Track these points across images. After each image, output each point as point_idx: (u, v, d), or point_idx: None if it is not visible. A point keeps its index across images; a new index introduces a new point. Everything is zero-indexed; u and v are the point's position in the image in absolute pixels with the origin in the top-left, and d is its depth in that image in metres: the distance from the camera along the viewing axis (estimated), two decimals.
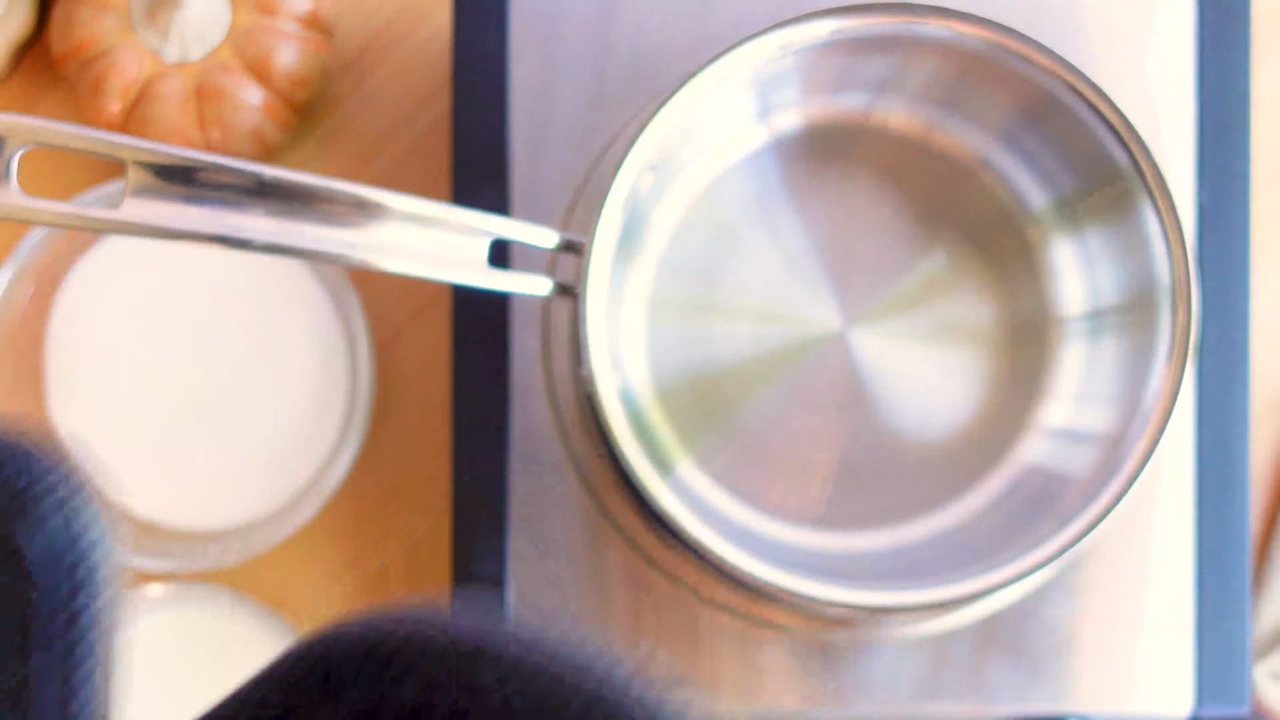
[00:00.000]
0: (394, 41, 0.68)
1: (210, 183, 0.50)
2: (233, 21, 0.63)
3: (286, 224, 0.50)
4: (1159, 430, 0.53)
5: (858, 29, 0.55)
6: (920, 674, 0.61)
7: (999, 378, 0.60)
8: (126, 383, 0.64)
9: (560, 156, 0.61)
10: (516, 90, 0.61)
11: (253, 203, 0.50)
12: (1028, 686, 0.61)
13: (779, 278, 0.60)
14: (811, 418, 0.60)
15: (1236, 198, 0.61)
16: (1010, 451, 0.60)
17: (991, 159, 0.59)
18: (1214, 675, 0.61)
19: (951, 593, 0.53)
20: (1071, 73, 0.54)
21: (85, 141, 0.49)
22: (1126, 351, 0.57)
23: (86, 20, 0.63)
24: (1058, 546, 0.53)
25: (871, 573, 0.56)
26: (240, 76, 0.63)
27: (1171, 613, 0.61)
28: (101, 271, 0.64)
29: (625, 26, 0.61)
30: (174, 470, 0.64)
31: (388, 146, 0.68)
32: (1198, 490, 0.61)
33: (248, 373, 0.64)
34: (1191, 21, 0.61)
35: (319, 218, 0.50)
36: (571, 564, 0.61)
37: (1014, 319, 0.58)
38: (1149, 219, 0.55)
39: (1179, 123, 0.61)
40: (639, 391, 0.59)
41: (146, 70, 0.63)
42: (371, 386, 0.63)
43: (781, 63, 0.56)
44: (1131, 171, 0.55)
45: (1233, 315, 0.61)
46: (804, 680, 0.61)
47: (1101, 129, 0.55)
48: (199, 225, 0.50)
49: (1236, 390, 0.61)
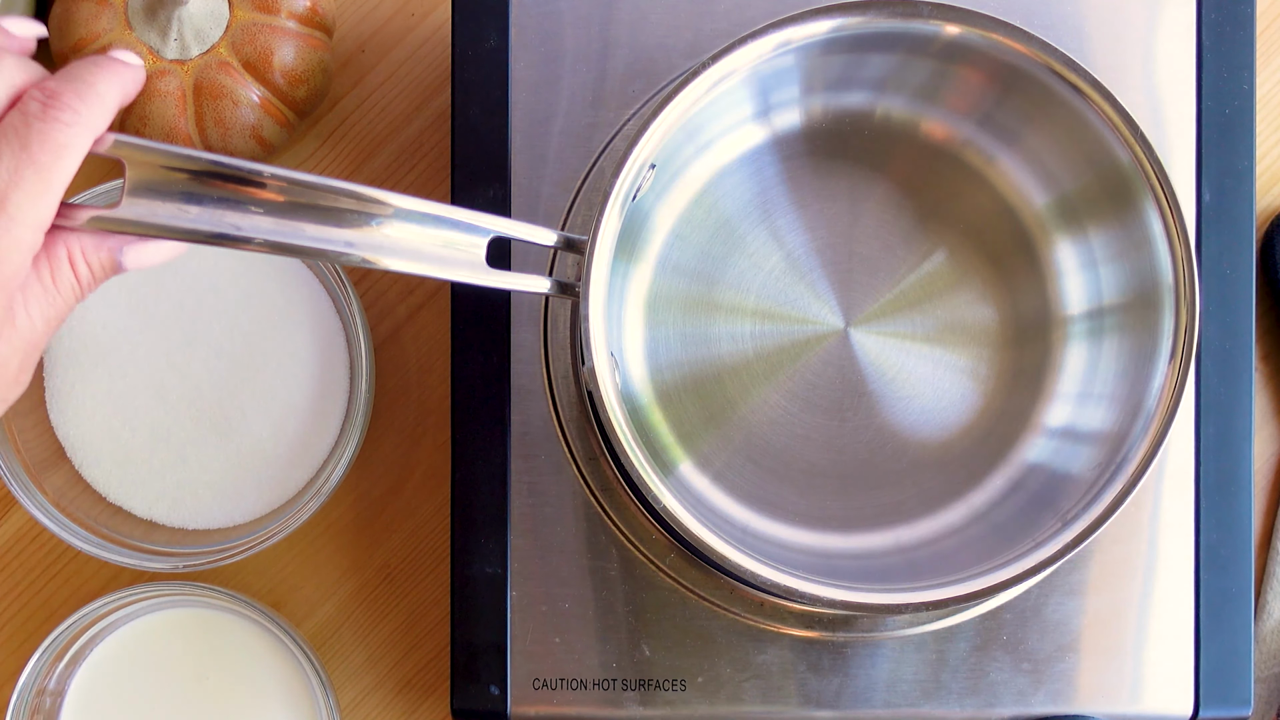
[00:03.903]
0: (393, 39, 0.68)
1: (209, 181, 0.50)
2: (231, 19, 0.63)
3: (286, 223, 0.50)
4: (1162, 430, 0.53)
5: (858, 27, 0.55)
6: (921, 674, 0.61)
7: (1001, 377, 0.60)
8: (126, 383, 0.64)
9: (560, 156, 0.61)
10: (516, 89, 0.61)
11: (252, 201, 0.50)
12: (1028, 686, 0.61)
13: (780, 277, 0.60)
14: (812, 417, 0.60)
15: (1239, 197, 0.61)
16: (1012, 451, 0.59)
17: (993, 157, 0.59)
18: (1215, 676, 0.61)
19: (952, 593, 0.53)
20: (1075, 71, 0.54)
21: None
22: (1128, 351, 0.57)
23: (85, 18, 0.63)
24: (1060, 546, 0.53)
25: (873, 573, 0.56)
26: (239, 74, 0.63)
27: (1172, 613, 0.61)
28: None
29: (625, 25, 0.61)
30: (174, 470, 0.64)
31: (387, 144, 0.68)
32: (1199, 490, 0.61)
33: (248, 373, 0.64)
34: (1193, 21, 0.61)
35: (318, 217, 0.50)
36: (571, 564, 0.61)
37: (1016, 318, 0.58)
38: (1151, 218, 0.55)
39: (1181, 122, 0.61)
40: (639, 391, 0.59)
41: (145, 68, 0.63)
42: (371, 386, 0.63)
43: (782, 61, 0.56)
44: (1134, 171, 0.55)
45: (1234, 314, 0.61)
46: (804, 680, 0.61)
47: (1104, 128, 0.55)
48: (198, 224, 0.50)
49: (1239, 389, 0.61)
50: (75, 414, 0.64)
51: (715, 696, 0.61)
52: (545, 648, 0.61)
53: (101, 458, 0.64)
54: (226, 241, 0.50)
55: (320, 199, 0.50)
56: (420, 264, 0.51)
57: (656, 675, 0.61)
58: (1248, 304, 0.61)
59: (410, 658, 0.67)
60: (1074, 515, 0.54)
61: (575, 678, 0.61)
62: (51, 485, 0.63)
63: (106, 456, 0.64)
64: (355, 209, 0.50)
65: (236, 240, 0.50)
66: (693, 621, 0.61)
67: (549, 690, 0.61)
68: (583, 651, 0.61)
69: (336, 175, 0.68)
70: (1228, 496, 0.61)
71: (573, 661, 0.61)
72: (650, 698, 0.61)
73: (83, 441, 0.64)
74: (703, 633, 0.61)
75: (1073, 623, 0.61)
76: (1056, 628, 0.61)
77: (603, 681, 0.61)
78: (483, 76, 0.61)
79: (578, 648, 0.61)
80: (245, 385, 0.64)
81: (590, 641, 0.61)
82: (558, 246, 0.54)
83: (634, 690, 0.61)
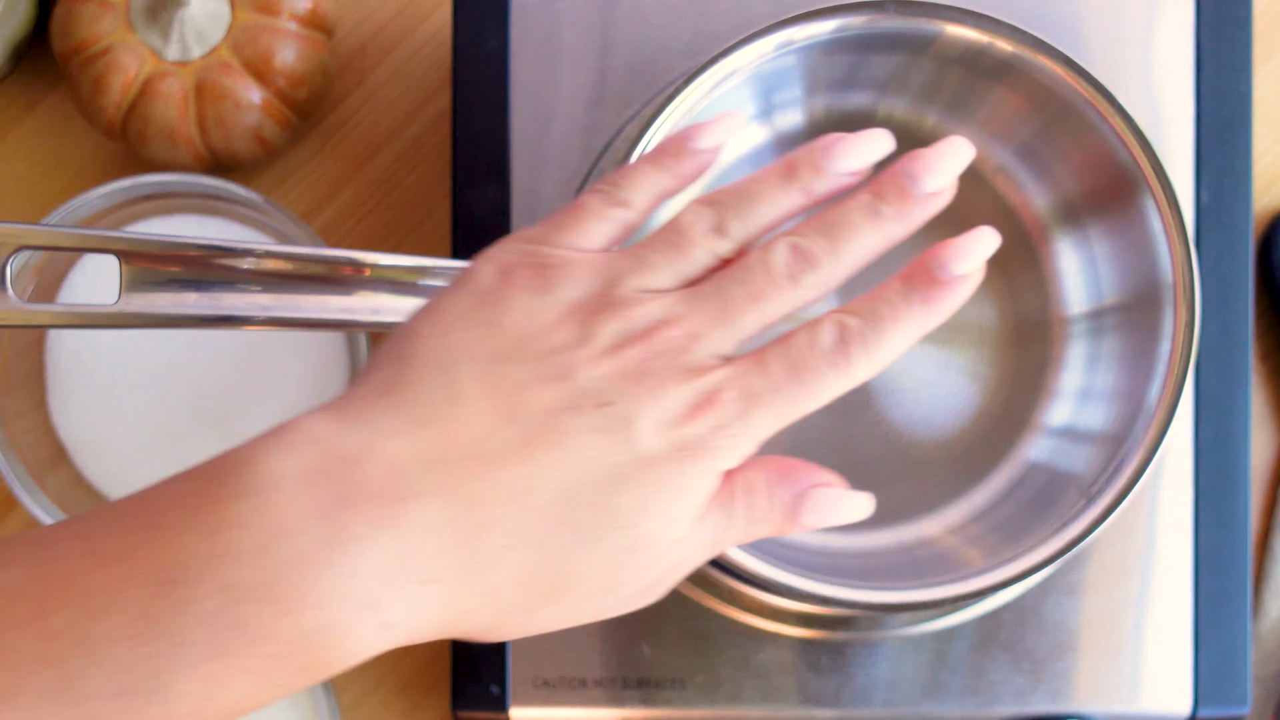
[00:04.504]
0: (394, 40, 0.68)
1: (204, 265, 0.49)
2: (233, 20, 0.63)
3: (284, 297, 0.50)
4: (1162, 429, 0.53)
5: (859, 27, 0.55)
6: (920, 673, 0.61)
7: (1002, 377, 0.60)
8: (126, 383, 0.64)
9: (560, 156, 0.61)
10: (517, 89, 0.61)
11: (248, 279, 0.49)
12: (1028, 686, 0.61)
13: None
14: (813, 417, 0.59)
15: (1237, 197, 0.61)
16: (1012, 450, 0.60)
17: (994, 158, 0.59)
18: (1213, 675, 0.61)
19: (952, 592, 0.53)
20: (1074, 72, 0.54)
21: (77, 239, 0.49)
22: (1128, 350, 0.57)
23: (87, 19, 0.63)
24: (1059, 546, 0.53)
25: (874, 571, 0.56)
26: (240, 75, 0.63)
27: (1171, 613, 0.61)
28: (102, 271, 0.64)
29: (626, 25, 0.61)
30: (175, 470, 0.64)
31: (388, 145, 0.68)
32: (1197, 490, 0.61)
33: (248, 373, 0.64)
34: (1191, 22, 0.61)
35: (314, 287, 0.50)
36: None
37: (1016, 318, 0.58)
38: (1151, 218, 0.55)
39: (1179, 123, 0.61)
40: None
41: (147, 69, 0.63)
42: None
43: (783, 61, 0.56)
44: (1134, 171, 0.55)
45: (1232, 315, 0.61)
46: (804, 680, 0.61)
47: (1105, 129, 0.55)
48: (199, 309, 0.49)
49: (1237, 389, 0.61)
50: (76, 414, 0.64)
51: (715, 696, 0.61)
52: (545, 647, 0.61)
53: (102, 458, 0.64)
54: (229, 323, 0.49)
55: (314, 268, 0.50)
56: None
57: (656, 674, 0.61)
58: (1245, 304, 0.61)
59: (410, 657, 0.67)
60: (1073, 515, 0.54)
61: (575, 677, 0.61)
62: (53, 485, 0.63)
63: (108, 456, 0.64)
64: (350, 273, 0.50)
65: (239, 321, 0.49)
66: (693, 621, 0.61)
67: (549, 689, 0.61)
68: (583, 650, 0.61)
69: (337, 176, 0.68)
70: (1226, 496, 0.61)
71: (573, 660, 0.61)
72: (650, 697, 0.61)
73: (84, 441, 0.64)
74: (703, 632, 0.61)
75: (1071, 622, 0.61)
76: (1055, 627, 0.61)
77: (603, 680, 0.61)
78: (483, 77, 0.61)
79: (578, 647, 0.61)
80: (245, 385, 0.64)
81: (590, 640, 0.61)
82: None
83: (634, 689, 0.61)
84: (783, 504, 0.46)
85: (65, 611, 0.39)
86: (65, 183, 0.68)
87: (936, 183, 0.46)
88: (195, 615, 0.39)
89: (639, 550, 0.43)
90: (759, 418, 0.44)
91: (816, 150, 0.46)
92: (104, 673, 0.39)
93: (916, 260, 0.46)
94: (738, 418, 0.44)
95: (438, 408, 0.42)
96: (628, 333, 0.44)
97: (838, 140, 0.46)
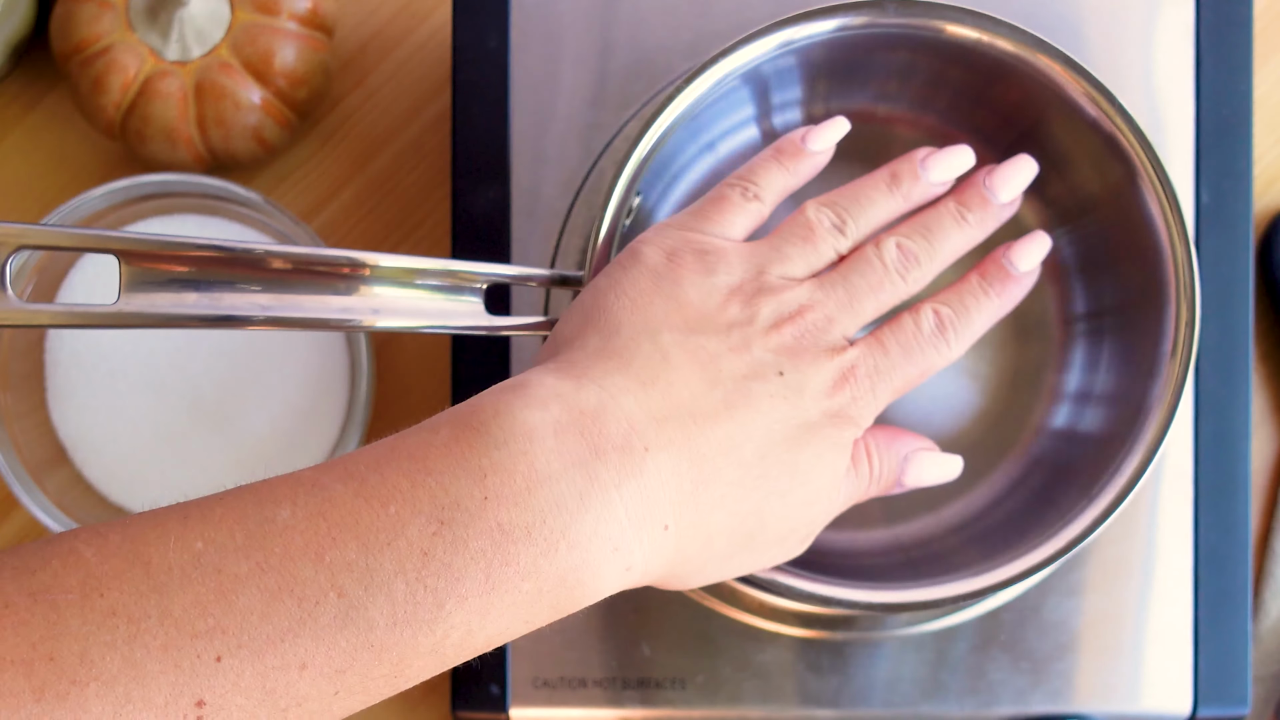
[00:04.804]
0: (394, 40, 0.68)
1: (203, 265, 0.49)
2: (233, 20, 0.63)
3: (284, 297, 0.50)
4: (1162, 429, 0.53)
5: (859, 27, 0.55)
6: (920, 674, 0.61)
7: (1001, 377, 0.60)
8: (126, 383, 0.64)
9: (560, 156, 0.61)
10: (516, 89, 0.61)
11: (248, 279, 0.49)
12: (1027, 686, 0.61)
13: None
14: None
15: (1237, 198, 0.61)
16: (1012, 450, 0.60)
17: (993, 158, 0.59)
18: (1213, 675, 0.61)
19: (952, 592, 0.53)
20: (1075, 72, 0.54)
21: (77, 239, 0.48)
22: (1128, 350, 0.57)
23: (87, 19, 0.63)
24: (1060, 546, 0.53)
25: (874, 571, 0.56)
26: (240, 75, 0.63)
27: (1171, 612, 0.61)
28: (101, 271, 0.64)
29: (625, 25, 0.61)
30: (174, 470, 0.64)
31: (388, 145, 0.68)
32: (1197, 490, 0.61)
33: (248, 372, 0.64)
34: (1191, 22, 0.61)
35: (314, 287, 0.50)
36: None
37: (1016, 318, 0.58)
38: (1152, 219, 0.55)
39: (1179, 123, 0.61)
40: None
41: (146, 69, 0.63)
42: (371, 386, 0.63)
43: (783, 61, 0.56)
44: (1134, 171, 0.55)
45: (1232, 315, 0.61)
46: (804, 680, 0.61)
47: (1105, 128, 0.55)
48: (199, 309, 0.49)
49: (1237, 389, 0.61)
50: (76, 414, 0.64)
51: (715, 696, 0.61)
52: (546, 647, 0.61)
53: (102, 457, 0.64)
54: (229, 323, 0.49)
55: (315, 268, 0.50)
56: (420, 320, 0.51)
57: (656, 674, 0.61)
58: (1245, 304, 0.61)
59: None
60: (1073, 515, 0.54)
61: (575, 677, 0.61)
62: (53, 485, 0.63)
63: (107, 456, 0.64)
64: (350, 273, 0.50)
65: (238, 321, 0.49)
66: (693, 621, 0.61)
67: (549, 689, 0.61)
68: (583, 650, 0.61)
69: (337, 176, 0.68)
70: (1226, 496, 0.61)
71: (573, 660, 0.61)
72: (650, 697, 0.61)
73: (84, 441, 0.64)
74: (703, 632, 0.61)
75: (1071, 622, 0.61)
76: (1055, 627, 0.61)
77: (603, 680, 0.61)
78: (483, 77, 0.61)
79: (578, 647, 0.61)
80: (245, 385, 0.64)
81: (591, 640, 0.61)
82: (552, 284, 0.54)
83: (634, 689, 0.61)
84: (892, 465, 0.52)
85: (347, 547, 0.41)
86: (65, 183, 0.68)
87: (1010, 194, 0.54)
88: (469, 553, 0.42)
89: (812, 504, 0.49)
90: (882, 391, 0.50)
91: (916, 162, 0.53)
92: (383, 605, 0.41)
93: (988, 258, 0.54)
94: (869, 391, 0.50)
95: (653, 370, 0.46)
96: (782, 314, 0.49)
97: (932, 154, 0.53)
